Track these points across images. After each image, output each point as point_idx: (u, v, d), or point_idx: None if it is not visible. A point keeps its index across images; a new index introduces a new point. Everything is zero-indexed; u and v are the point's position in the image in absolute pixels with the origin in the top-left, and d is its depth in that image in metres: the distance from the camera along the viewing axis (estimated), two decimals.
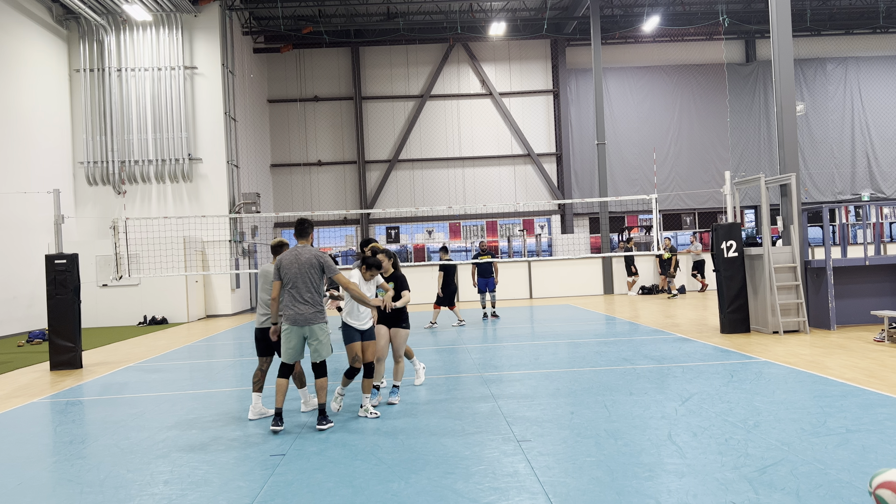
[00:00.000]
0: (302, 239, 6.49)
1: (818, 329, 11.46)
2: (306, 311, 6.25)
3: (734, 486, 4.28)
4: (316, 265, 6.32)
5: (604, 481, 4.48)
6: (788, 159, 11.71)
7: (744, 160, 27.33)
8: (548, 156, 27.18)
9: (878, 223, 23.87)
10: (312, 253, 6.35)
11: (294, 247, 6.46)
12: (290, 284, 6.28)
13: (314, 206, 26.31)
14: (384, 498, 4.36)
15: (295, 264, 6.29)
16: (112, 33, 20.09)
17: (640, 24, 25.21)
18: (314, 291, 6.31)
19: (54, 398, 8.37)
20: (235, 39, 22.07)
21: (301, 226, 6.50)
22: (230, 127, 20.76)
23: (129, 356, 11.96)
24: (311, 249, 6.39)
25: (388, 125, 26.91)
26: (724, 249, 11.62)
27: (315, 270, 6.31)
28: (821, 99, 27.84)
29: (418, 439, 5.69)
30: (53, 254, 10.89)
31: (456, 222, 27.12)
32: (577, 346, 10.72)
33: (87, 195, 20.15)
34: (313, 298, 6.29)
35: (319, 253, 6.39)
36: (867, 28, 27.91)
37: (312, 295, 6.30)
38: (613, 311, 16.16)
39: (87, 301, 16.13)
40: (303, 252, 6.33)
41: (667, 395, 6.87)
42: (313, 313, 6.27)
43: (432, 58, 26.95)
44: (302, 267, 6.28)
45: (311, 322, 6.26)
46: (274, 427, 6.12)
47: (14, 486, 4.98)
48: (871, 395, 6.53)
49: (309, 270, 6.28)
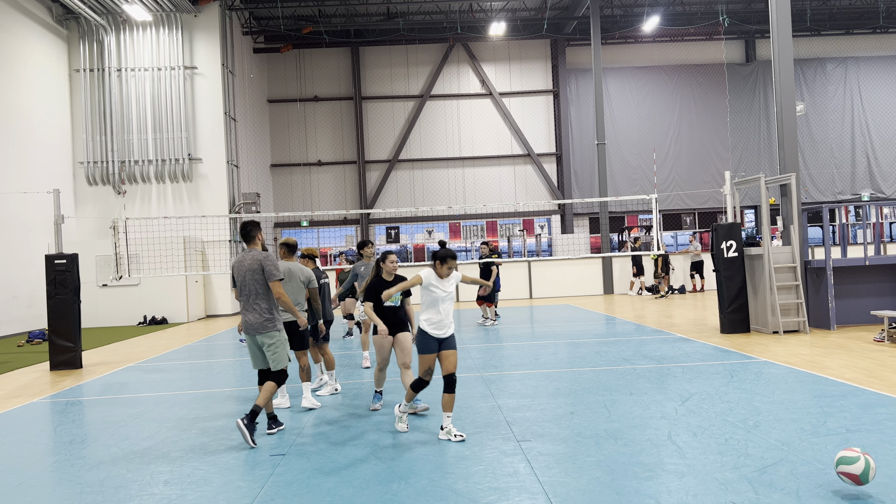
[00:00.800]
0: (249, 243, 6.10)
1: (818, 329, 11.46)
2: (253, 320, 5.93)
3: (734, 486, 4.28)
4: (258, 270, 5.94)
5: (604, 481, 4.48)
6: (788, 159, 11.71)
7: (744, 160, 27.33)
8: (548, 156, 27.18)
9: (878, 223, 23.87)
10: (256, 258, 5.96)
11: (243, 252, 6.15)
12: (239, 291, 6.02)
13: (314, 206, 26.31)
14: (384, 498, 4.36)
15: (240, 270, 6.00)
16: (112, 33, 20.09)
17: (639, 24, 25.21)
18: (262, 298, 5.94)
19: (54, 398, 8.37)
20: (235, 39, 22.06)
21: (244, 230, 6.11)
22: (230, 127, 20.75)
23: (129, 356, 11.95)
24: (256, 254, 6.00)
25: (388, 125, 26.91)
26: (724, 249, 11.62)
27: (258, 276, 5.94)
28: (821, 99, 27.84)
29: (418, 439, 5.68)
30: (53, 254, 10.89)
31: (456, 222, 27.12)
32: (577, 346, 10.72)
33: (87, 195, 20.15)
34: (260, 306, 5.93)
35: (263, 257, 5.97)
36: (867, 28, 27.91)
37: (260, 302, 5.94)
38: (613, 312, 16.16)
39: (87, 301, 16.14)
40: (246, 257, 6.00)
41: (667, 395, 6.87)
42: (261, 322, 5.92)
43: (432, 58, 26.95)
44: (245, 273, 5.95)
45: (259, 331, 5.93)
46: (269, 431, 6.10)
47: (14, 486, 4.97)
48: (870, 395, 6.53)
49: (252, 276, 5.94)
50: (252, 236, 6.10)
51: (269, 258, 5.96)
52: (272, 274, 5.91)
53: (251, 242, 6.08)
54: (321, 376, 8.00)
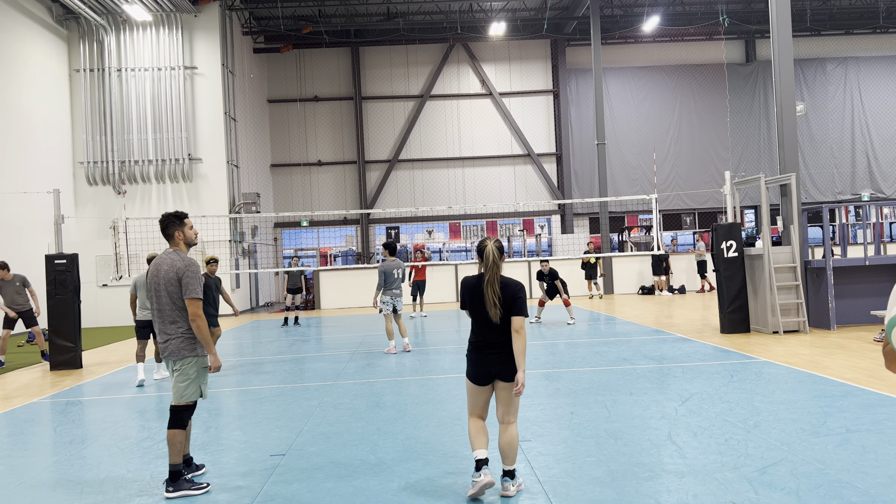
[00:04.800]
0: (170, 242, 4.82)
1: (818, 329, 11.46)
2: (168, 342, 4.66)
3: (734, 486, 4.27)
4: (173, 281, 4.61)
5: (604, 481, 4.48)
6: (788, 159, 11.71)
7: (744, 160, 27.34)
8: (548, 156, 27.18)
9: (878, 223, 23.87)
10: (174, 265, 4.63)
11: (163, 253, 4.83)
12: (151, 303, 4.74)
13: (314, 206, 26.31)
14: (385, 498, 4.36)
15: (154, 277, 4.68)
16: (112, 33, 20.09)
17: (640, 24, 25.21)
18: (179, 316, 4.64)
19: (54, 398, 8.36)
20: (235, 39, 22.07)
21: (161, 224, 4.80)
22: (230, 127, 20.75)
23: (129, 356, 11.95)
24: (175, 260, 4.66)
25: (388, 125, 26.91)
26: (724, 249, 11.62)
27: (173, 287, 4.61)
28: (821, 99, 27.85)
29: (418, 439, 5.68)
30: (53, 254, 10.89)
31: (456, 222, 27.13)
32: (577, 346, 10.72)
33: (87, 195, 20.15)
34: (176, 326, 4.63)
35: (185, 266, 4.63)
36: (867, 28, 27.92)
37: (175, 318, 4.63)
38: (613, 311, 16.16)
39: (87, 301, 16.13)
40: (163, 263, 4.67)
41: (667, 395, 6.87)
42: (179, 344, 4.63)
43: (432, 58, 26.95)
44: (160, 283, 4.64)
45: (174, 355, 4.65)
46: (169, 495, 4.57)
47: (14, 486, 4.97)
48: (870, 395, 6.53)
49: (167, 288, 4.63)
50: (171, 234, 4.79)
51: (190, 268, 4.62)
52: (191, 289, 4.58)
53: (171, 241, 4.80)
54: None
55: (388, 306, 10.71)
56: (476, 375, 4.32)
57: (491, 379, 4.31)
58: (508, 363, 4.24)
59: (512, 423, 4.33)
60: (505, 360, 4.24)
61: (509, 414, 4.33)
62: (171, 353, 4.64)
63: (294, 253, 25.95)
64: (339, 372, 9.20)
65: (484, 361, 4.28)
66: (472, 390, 4.37)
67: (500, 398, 4.32)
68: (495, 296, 4.23)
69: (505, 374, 4.26)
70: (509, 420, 4.33)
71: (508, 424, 4.33)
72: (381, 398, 7.37)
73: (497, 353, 4.26)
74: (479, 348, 4.30)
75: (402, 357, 10.31)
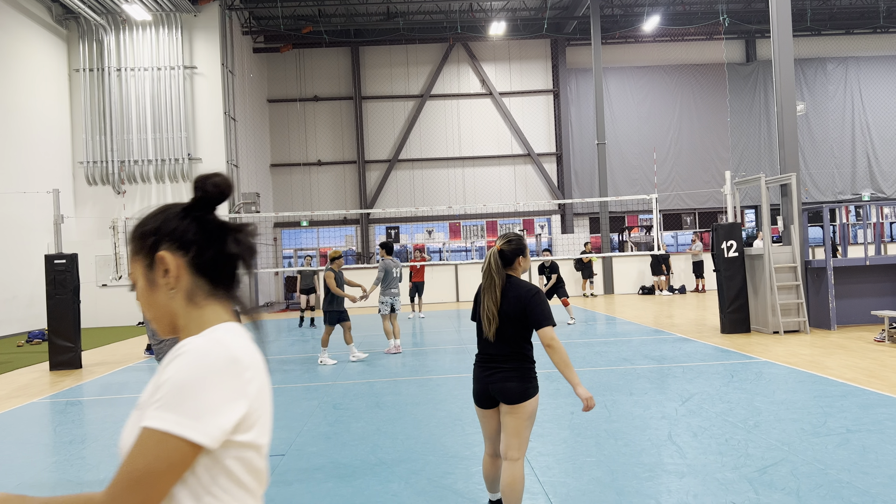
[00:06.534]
0: None
1: (818, 329, 11.45)
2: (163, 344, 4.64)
3: (734, 486, 4.27)
4: None
5: (604, 481, 4.48)
6: (788, 159, 11.71)
7: (744, 160, 27.32)
8: (548, 156, 27.17)
9: (878, 223, 23.87)
10: None
11: None
12: None
13: (314, 205, 26.30)
14: (384, 498, 4.35)
15: None
16: (112, 33, 20.08)
17: (640, 24, 25.21)
18: None
19: (54, 398, 8.36)
20: (235, 39, 22.06)
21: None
22: (230, 127, 20.75)
23: (128, 356, 11.95)
24: None
25: (387, 125, 26.90)
26: (724, 249, 11.62)
27: None
28: (821, 99, 27.83)
29: (418, 439, 5.68)
30: (53, 254, 10.88)
31: (456, 222, 27.11)
32: (577, 346, 10.72)
33: (87, 195, 20.14)
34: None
35: None
36: (867, 28, 27.91)
37: None
38: (613, 311, 16.16)
39: (87, 301, 16.13)
40: None
41: (667, 396, 6.87)
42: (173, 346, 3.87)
43: (432, 58, 26.94)
44: None
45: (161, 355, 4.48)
46: None
47: (14, 486, 4.97)
48: (871, 395, 6.52)
49: None
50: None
51: None
52: None
53: None
54: None
55: (386, 306, 10.73)
56: (477, 394, 3.67)
57: (494, 401, 3.60)
58: (510, 381, 3.49)
59: (516, 461, 3.51)
60: (507, 378, 3.50)
61: (512, 448, 3.51)
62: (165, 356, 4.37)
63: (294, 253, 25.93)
64: (340, 372, 9.20)
65: (482, 378, 3.61)
66: (479, 415, 3.73)
67: (503, 425, 3.56)
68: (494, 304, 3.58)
69: (507, 395, 3.49)
70: (512, 456, 3.51)
71: (512, 462, 3.51)
72: (380, 398, 7.37)
73: (496, 368, 3.56)
74: (479, 362, 3.68)
75: (402, 357, 10.31)
